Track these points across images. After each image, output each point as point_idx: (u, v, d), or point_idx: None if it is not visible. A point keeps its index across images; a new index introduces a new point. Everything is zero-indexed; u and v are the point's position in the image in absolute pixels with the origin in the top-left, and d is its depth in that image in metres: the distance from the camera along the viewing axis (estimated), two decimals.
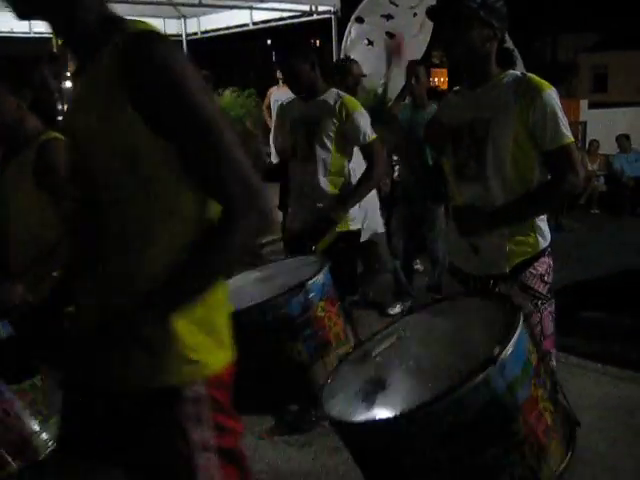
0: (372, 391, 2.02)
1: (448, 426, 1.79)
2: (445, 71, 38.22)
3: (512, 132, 2.52)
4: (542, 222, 2.67)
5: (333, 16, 8.38)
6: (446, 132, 2.74)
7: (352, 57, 8.85)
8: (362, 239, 4.24)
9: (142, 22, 1.55)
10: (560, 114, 2.51)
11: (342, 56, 8.84)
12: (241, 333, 2.31)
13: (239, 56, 36.52)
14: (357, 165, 3.94)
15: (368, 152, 3.83)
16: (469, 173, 2.65)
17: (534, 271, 2.64)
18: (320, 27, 9.27)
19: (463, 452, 1.85)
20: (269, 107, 8.03)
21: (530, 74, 2.61)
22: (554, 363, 2.72)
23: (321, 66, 3.91)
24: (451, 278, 2.91)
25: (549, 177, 2.61)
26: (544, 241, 2.66)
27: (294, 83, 3.89)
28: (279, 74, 6.71)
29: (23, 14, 1.52)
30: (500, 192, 2.58)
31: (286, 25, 9.43)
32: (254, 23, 8.99)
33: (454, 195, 2.77)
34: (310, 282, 2.65)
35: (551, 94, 2.52)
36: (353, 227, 3.91)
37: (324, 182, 3.83)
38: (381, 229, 5.20)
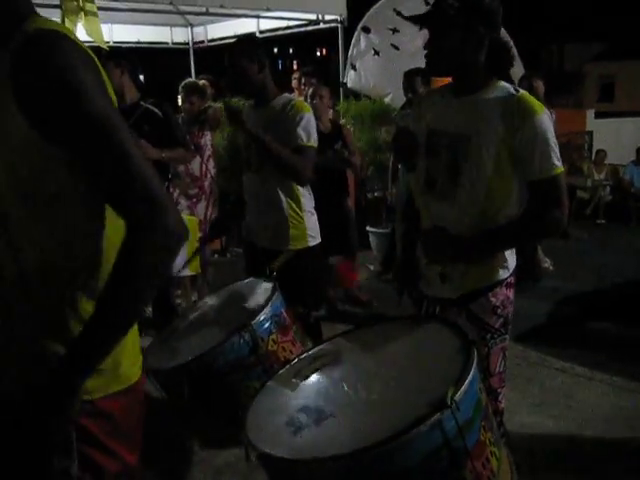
0: (305, 421, 1.82)
1: (394, 470, 1.62)
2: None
3: (494, 155, 2.31)
4: (508, 251, 2.48)
5: (340, 25, 8.38)
6: (419, 144, 2.52)
7: (358, 66, 8.93)
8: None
9: (49, 21, 1.39)
10: (552, 141, 2.30)
11: (349, 65, 8.89)
12: (196, 380, 2.28)
13: None
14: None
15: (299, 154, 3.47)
16: (440, 191, 2.44)
17: (486, 302, 2.43)
18: (326, 36, 9.27)
19: None
20: None
21: (523, 92, 2.35)
22: (503, 405, 2.52)
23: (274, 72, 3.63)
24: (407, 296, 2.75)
25: (528, 208, 2.38)
26: (504, 271, 2.46)
27: (241, 85, 3.60)
28: (294, 83, 6.66)
29: None
30: (468, 215, 2.38)
31: (292, 34, 9.45)
32: (261, 32, 9.00)
33: (422, 214, 2.58)
34: (255, 321, 2.56)
35: (544, 118, 2.28)
36: (312, 243, 3.69)
37: (279, 194, 3.56)
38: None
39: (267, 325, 2.60)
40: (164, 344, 2.86)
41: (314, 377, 2.07)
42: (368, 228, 7.46)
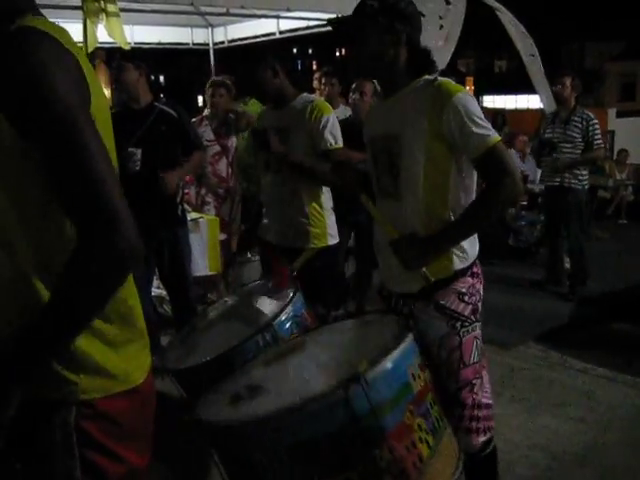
0: (245, 395, 2.03)
1: (299, 440, 1.74)
2: (471, 79, 38.14)
3: (423, 148, 2.32)
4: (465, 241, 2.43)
5: None
6: (367, 147, 2.58)
7: None
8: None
9: (37, 20, 1.38)
10: (476, 115, 2.27)
11: None
12: (215, 380, 2.31)
13: None
14: None
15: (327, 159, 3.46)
16: (385, 190, 2.49)
17: (451, 290, 2.41)
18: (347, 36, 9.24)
19: (316, 470, 1.76)
20: None
21: (442, 79, 2.35)
22: (479, 397, 2.46)
23: (290, 72, 3.60)
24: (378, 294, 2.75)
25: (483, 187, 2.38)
26: (462, 262, 2.43)
27: (259, 93, 3.67)
28: (315, 82, 6.67)
29: None
30: (414, 212, 2.40)
31: (312, 34, 9.45)
32: (280, 32, 9.00)
33: (383, 220, 2.56)
34: (276, 321, 2.57)
35: (460, 97, 2.27)
36: (331, 242, 3.67)
37: (300, 193, 3.55)
38: None
39: (288, 325, 2.60)
40: (183, 343, 2.87)
41: (273, 364, 2.26)
42: None
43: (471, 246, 2.48)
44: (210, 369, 2.48)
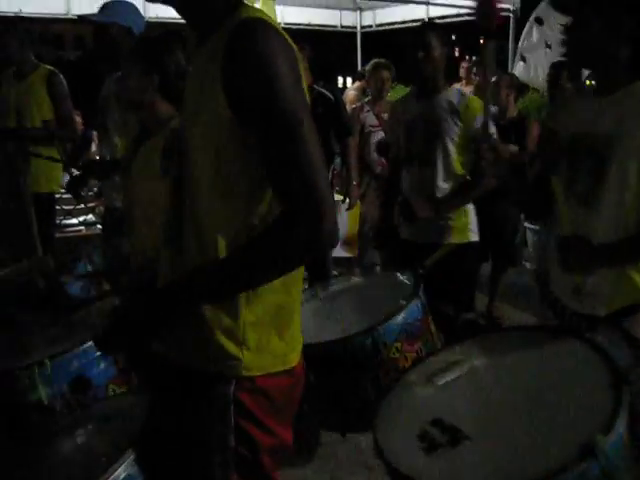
0: (439, 439, 1.69)
1: None
2: None
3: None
4: None
5: (512, 15, 8.16)
6: (562, 144, 2.33)
7: (528, 58, 8.67)
8: None
9: (255, 9, 1.50)
10: None
11: (518, 55, 8.64)
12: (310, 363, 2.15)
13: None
14: None
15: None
16: (583, 198, 2.23)
17: None
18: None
19: None
20: None
21: None
22: None
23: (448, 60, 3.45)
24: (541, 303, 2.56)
25: None
26: None
27: (419, 65, 3.37)
28: (462, 72, 6.55)
29: None
30: (613, 223, 2.16)
31: (460, 22, 9.31)
32: (429, 19, 8.92)
33: (561, 219, 2.37)
34: (383, 325, 2.44)
35: None
36: (473, 239, 3.50)
37: (444, 188, 3.43)
38: None
39: (395, 332, 2.48)
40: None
41: (446, 386, 1.95)
42: (526, 224, 7.18)
43: None
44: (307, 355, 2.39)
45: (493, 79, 5.32)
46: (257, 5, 5.52)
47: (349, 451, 3.48)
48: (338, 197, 5.57)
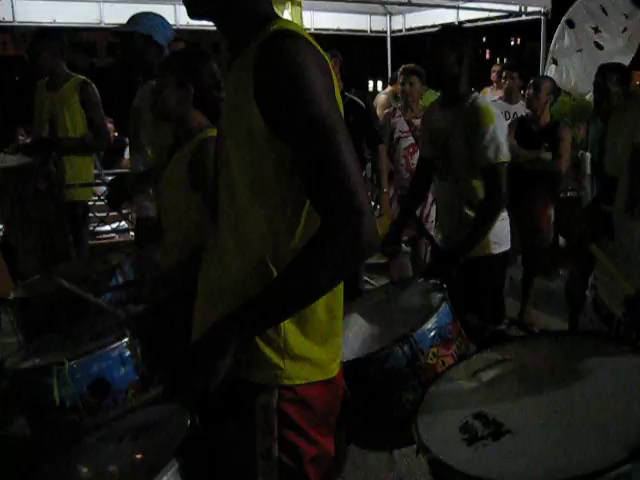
0: (481, 431, 1.70)
1: None
2: None
3: None
4: None
5: (543, 17, 8.09)
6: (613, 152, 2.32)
7: (560, 62, 8.60)
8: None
9: (287, 21, 1.53)
10: None
11: (549, 59, 8.58)
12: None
13: None
14: None
15: (490, 176, 3.08)
16: None
17: None
18: (526, 27, 9.01)
19: None
20: None
21: None
22: None
23: (472, 66, 3.15)
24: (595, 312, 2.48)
25: None
26: None
27: (433, 74, 3.24)
28: (494, 75, 6.51)
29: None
30: None
31: (491, 25, 9.26)
32: (460, 22, 8.88)
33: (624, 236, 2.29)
34: (417, 332, 2.41)
35: None
36: (496, 251, 3.28)
37: (466, 213, 3.22)
38: None
39: (430, 337, 2.47)
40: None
41: (491, 382, 1.97)
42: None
43: None
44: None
45: (531, 81, 5.26)
46: (286, 14, 5.56)
47: (379, 460, 3.46)
48: None
